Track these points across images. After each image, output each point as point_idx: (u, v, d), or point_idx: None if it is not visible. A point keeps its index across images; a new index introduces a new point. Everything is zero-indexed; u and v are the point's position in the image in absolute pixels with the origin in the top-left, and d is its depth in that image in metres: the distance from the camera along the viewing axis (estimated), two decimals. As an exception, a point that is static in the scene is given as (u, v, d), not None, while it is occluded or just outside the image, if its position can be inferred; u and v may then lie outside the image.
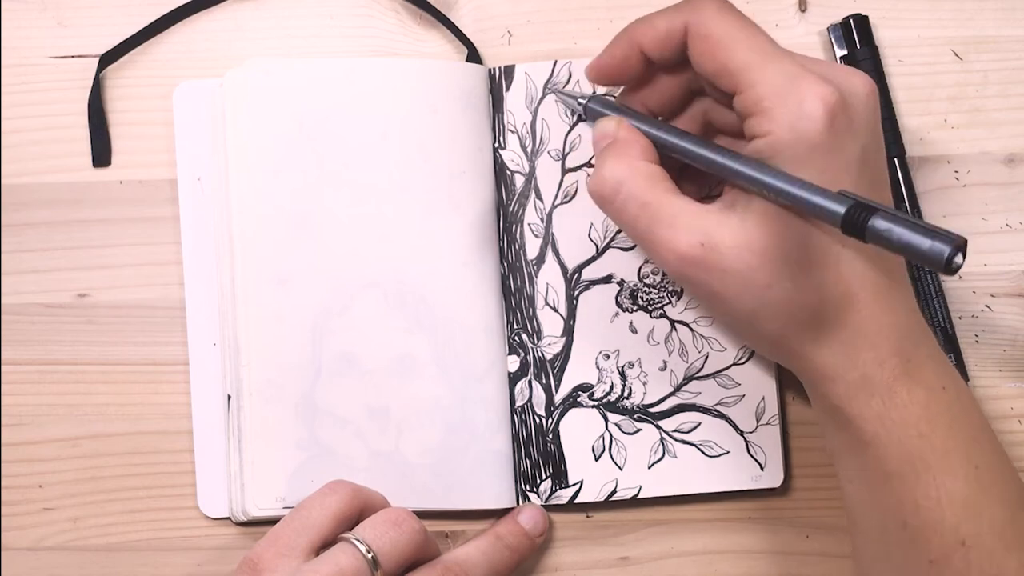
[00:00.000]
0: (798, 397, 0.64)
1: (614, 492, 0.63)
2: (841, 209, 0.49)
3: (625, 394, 0.63)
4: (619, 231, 0.63)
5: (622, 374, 0.63)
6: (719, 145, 0.55)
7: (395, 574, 0.57)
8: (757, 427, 0.63)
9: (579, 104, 0.61)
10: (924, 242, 0.46)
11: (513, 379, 0.63)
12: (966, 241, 0.46)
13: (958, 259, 0.45)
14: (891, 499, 0.54)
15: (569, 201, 0.63)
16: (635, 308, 0.63)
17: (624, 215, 0.55)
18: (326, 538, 0.57)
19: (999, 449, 0.55)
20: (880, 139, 0.55)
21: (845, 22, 0.64)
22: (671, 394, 0.63)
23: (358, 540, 0.56)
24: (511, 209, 0.64)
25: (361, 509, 0.58)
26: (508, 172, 0.64)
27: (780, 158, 0.52)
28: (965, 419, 0.54)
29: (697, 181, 0.60)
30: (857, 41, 0.64)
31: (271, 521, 0.59)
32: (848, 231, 0.48)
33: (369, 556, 0.55)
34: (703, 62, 0.54)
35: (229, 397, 0.62)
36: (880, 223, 0.47)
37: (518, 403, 0.63)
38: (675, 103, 0.60)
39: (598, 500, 0.63)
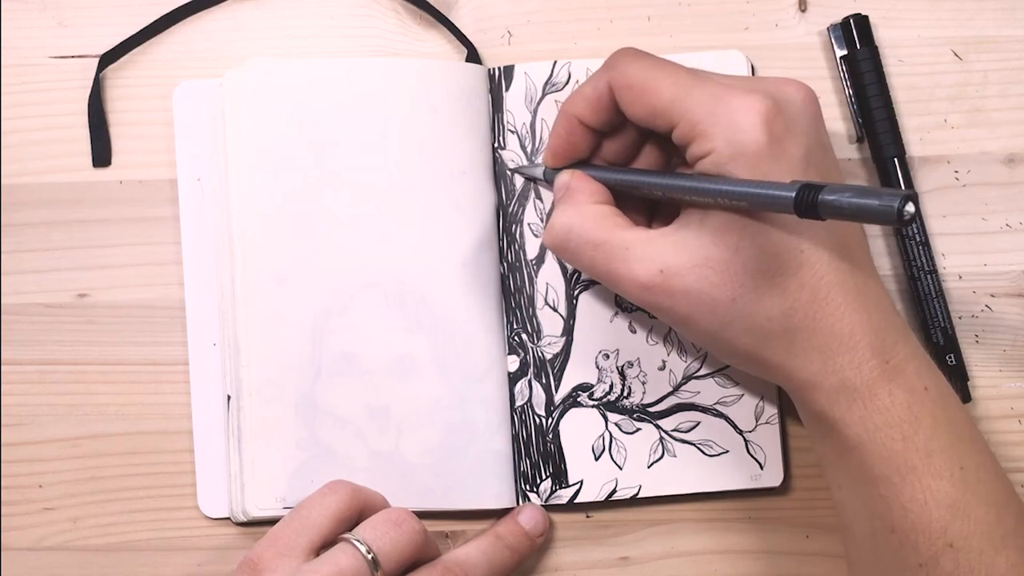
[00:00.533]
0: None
1: (614, 492, 0.63)
2: (791, 193, 0.49)
3: (624, 394, 0.63)
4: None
5: (621, 374, 0.63)
6: (667, 172, 0.57)
7: (395, 574, 0.57)
8: (756, 426, 0.63)
9: (539, 173, 0.62)
10: (873, 201, 0.46)
11: (513, 379, 0.63)
12: (915, 194, 0.47)
13: (908, 207, 0.46)
14: (878, 503, 0.54)
15: (569, 201, 0.63)
16: (634, 308, 0.63)
17: (580, 259, 0.57)
18: (326, 538, 0.57)
19: (985, 449, 0.55)
20: (824, 140, 0.56)
21: (845, 22, 0.64)
22: (670, 393, 0.63)
23: (358, 540, 0.56)
24: (511, 209, 0.64)
25: (361, 509, 0.59)
26: (508, 172, 0.64)
27: (724, 172, 0.53)
28: (948, 420, 0.54)
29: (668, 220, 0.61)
30: (857, 41, 0.64)
31: (271, 521, 0.59)
32: (802, 213, 0.49)
33: (369, 556, 0.55)
34: (634, 110, 0.56)
35: (229, 397, 0.62)
36: (829, 196, 0.48)
37: (518, 403, 0.63)
38: (629, 155, 0.60)
39: (598, 500, 0.63)
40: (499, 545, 0.61)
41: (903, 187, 0.64)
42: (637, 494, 0.63)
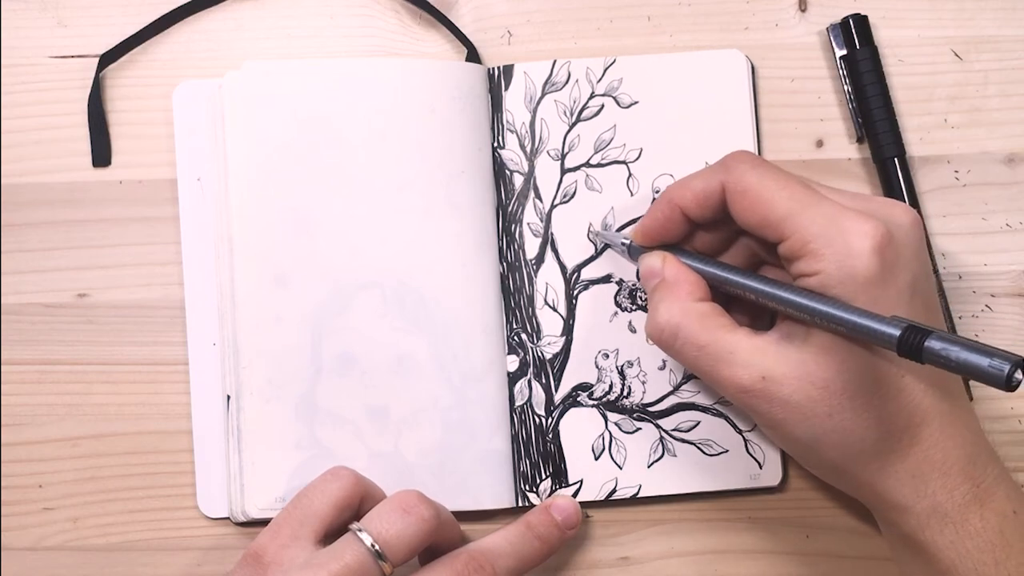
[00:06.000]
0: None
1: (614, 491, 0.63)
2: (896, 332, 0.49)
3: (624, 393, 0.63)
4: (618, 231, 0.63)
5: (621, 373, 0.63)
6: (769, 278, 0.56)
7: (405, 561, 0.56)
8: (756, 426, 0.63)
9: (622, 245, 0.62)
10: (983, 360, 0.47)
11: (512, 379, 0.63)
12: (1023, 359, 0.46)
13: (1018, 375, 0.46)
14: None
15: (568, 201, 0.64)
16: (634, 307, 0.63)
17: (684, 357, 0.57)
18: (330, 526, 0.57)
19: None
20: (928, 267, 0.56)
21: (844, 22, 0.64)
22: (670, 393, 0.63)
23: (363, 532, 0.55)
24: (510, 209, 0.64)
25: (363, 496, 0.58)
26: (507, 172, 0.64)
27: (830, 293, 0.53)
28: None
29: (746, 308, 0.61)
30: (856, 41, 0.64)
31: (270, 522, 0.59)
32: (904, 353, 0.49)
33: (375, 548, 0.55)
34: (745, 216, 0.56)
35: (229, 397, 0.62)
36: (935, 344, 0.48)
37: (518, 403, 0.63)
38: (721, 247, 0.60)
39: (598, 500, 0.63)
40: (528, 536, 0.60)
41: (903, 187, 0.63)
42: (637, 494, 0.63)
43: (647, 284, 0.59)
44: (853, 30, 0.64)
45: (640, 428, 0.63)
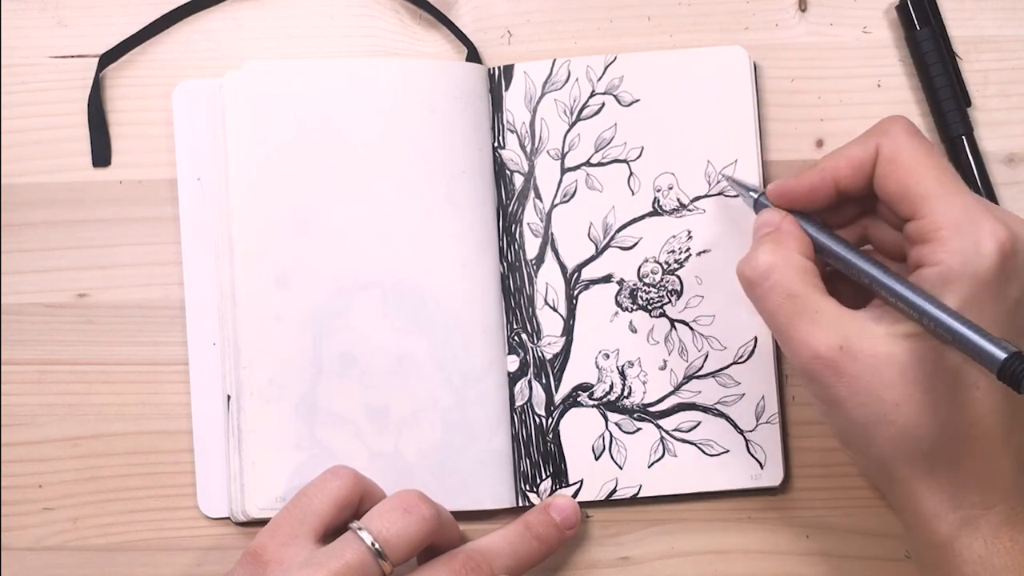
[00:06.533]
0: (798, 396, 0.64)
1: (614, 491, 0.63)
2: (1002, 355, 0.49)
3: (625, 393, 0.63)
4: (619, 230, 0.63)
5: (622, 373, 0.63)
6: (882, 263, 0.55)
7: (405, 561, 0.56)
8: (757, 426, 0.63)
9: (751, 196, 0.60)
10: None
11: (513, 379, 0.63)
12: None
13: None
14: None
15: (568, 200, 0.64)
16: (635, 307, 0.63)
17: (768, 302, 0.55)
18: (329, 525, 0.57)
19: None
20: None
21: (903, 3, 0.64)
22: (671, 393, 0.63)
23: (364, 531, 0.55)
24: (510, 209, 0.64)
25: (362, 495, 0.59)
26: (507, 172, 0.64)
27: (947, 290, 0.52)
28: None
29: (837, 289, 0.58)
30: (916, 23, 0.63)
31: (271, 521, 0.59)
32: (1003, 378, 0.48)
33: (375, 547, 0.55)
34: (887, 184, 0.55)
35: (229, 397, 0.62)
36: None
37: (518, 403, 0.63)
38: (845, 221, 0.59)
39: (598, 500, 0.63)
40: (527, 535, 0.60)
41: (973, 167, 0.63)
42: (637, 494, 0.63)
43: (757, 232, 0.57)
44: (912, 11, 0.63)
45: (640, 428, 0.63)
